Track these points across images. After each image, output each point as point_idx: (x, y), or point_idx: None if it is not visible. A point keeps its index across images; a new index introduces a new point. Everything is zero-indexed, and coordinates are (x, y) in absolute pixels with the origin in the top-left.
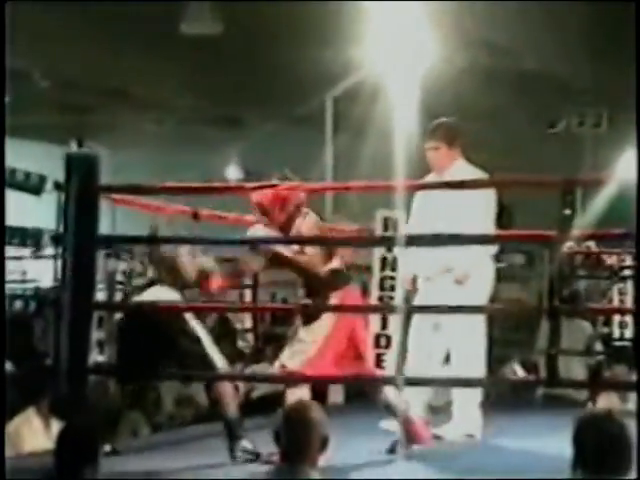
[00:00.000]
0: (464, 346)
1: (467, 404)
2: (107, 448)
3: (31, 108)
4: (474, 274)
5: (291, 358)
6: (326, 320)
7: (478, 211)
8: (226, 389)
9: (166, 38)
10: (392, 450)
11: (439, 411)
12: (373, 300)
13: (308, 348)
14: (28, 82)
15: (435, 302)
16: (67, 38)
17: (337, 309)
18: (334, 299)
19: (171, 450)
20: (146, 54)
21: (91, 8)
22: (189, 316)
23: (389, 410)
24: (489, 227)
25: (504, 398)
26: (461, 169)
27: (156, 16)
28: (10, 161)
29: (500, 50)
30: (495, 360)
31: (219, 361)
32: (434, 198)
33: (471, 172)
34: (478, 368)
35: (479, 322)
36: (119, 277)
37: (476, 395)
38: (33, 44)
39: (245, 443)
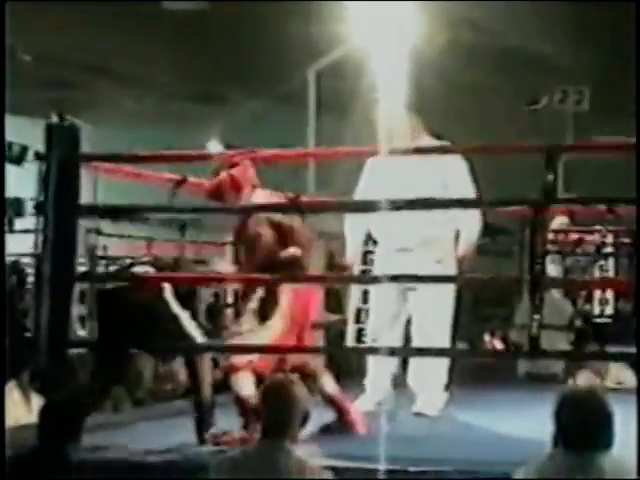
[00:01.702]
0: (429, 317)
1: (434, 379)
2: None
3: (13, 82)
4: (447, 249)
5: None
6: (278, 319)
7: (448, 182)
8: (204, 374)
9: (149, 15)
10: (326, 429)
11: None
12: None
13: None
14: (11, 56)
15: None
16: (51, 14)
17: (319, 279)
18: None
19: (153, 425)
20: (129, 31)
21: None
22: (169, 295)
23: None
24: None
25: (482, 372)
26: (429, 143)
27: None
28: None
29: (482, 28)
30: (474, 334)
31: (197, 337)
32: (395, 168)
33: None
34: (441, 340)
35: (448, 294)
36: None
37: (441, 370)
38: (16, 19)
39: (214, 430)
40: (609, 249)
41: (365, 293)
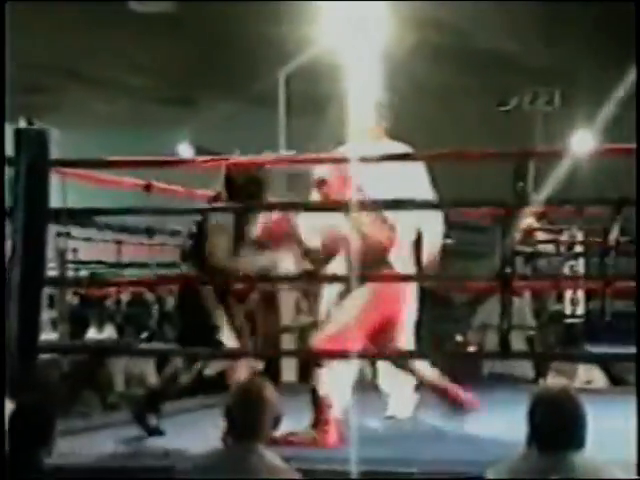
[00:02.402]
0: None
1: (404, 381)
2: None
3: None
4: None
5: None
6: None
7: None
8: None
9: (119, 17)
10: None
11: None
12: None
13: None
14: None
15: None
16: (18, 15)
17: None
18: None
19: (124, 430)
20: (98, 33)
21: None
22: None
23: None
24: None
25: (451, 373)
26: (391, 144)
27: None
28: None
29: (451, 28)
30: (439, 336)
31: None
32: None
33: (402, 149)
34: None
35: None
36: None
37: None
38: None
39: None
40: (579, 249)
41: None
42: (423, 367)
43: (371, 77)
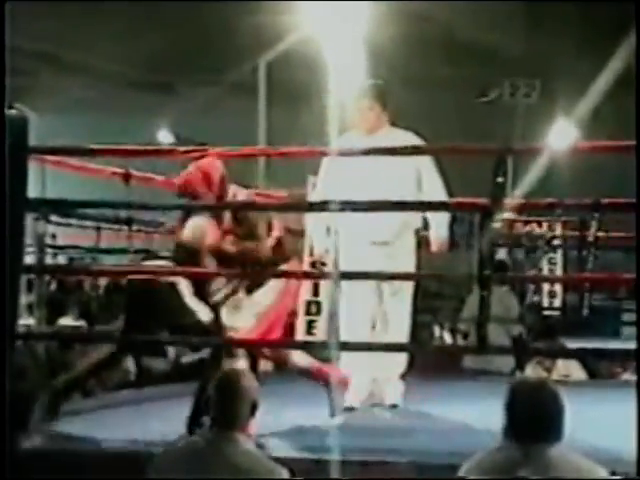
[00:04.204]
0: (393, 314)
1: (392, 368)
2: None
3: None
4: (401, 244)
5: (241, 322)
6: (270, 289)
7: (413, 178)
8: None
9: (98, 2)
10: (332, 414)
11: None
12: (306, 266)
13: (258, 312)
14: None
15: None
16: None
17: (279, 275)
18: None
19: (102, 415)
20: (77, 18)
21: None
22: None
23: (303, 373)
24: (438, 193)
25: (430, 366)
26: (394, 133)
27: None
28: None
29: (431, 20)
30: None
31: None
32: (355, 162)
33: (408, 137)
34: (402, 336)
35: (407, 290)
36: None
37: (399, 358)
38: None
39: None
40: (557, 242)
41: (316, 286)
42: (293, 353)
43: (354, 66)
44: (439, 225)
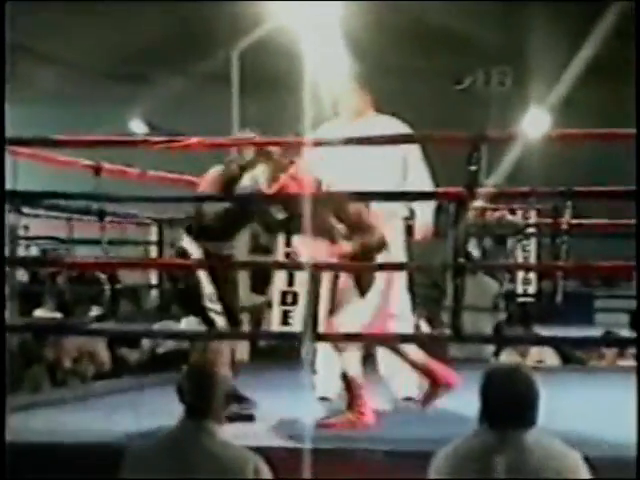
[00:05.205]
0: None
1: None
2: None
3: None
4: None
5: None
6: (377, 284)
7: (396, 166)
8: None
9: None
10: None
11: None
12: (280, 257)
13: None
14: None
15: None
16: None
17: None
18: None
19: (74, 406)
20: (50, 8)
21: None
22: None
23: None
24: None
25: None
26: (379, 119)
27: None
28: None
29: (404, 8)
30: None
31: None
32: (340, 151)
33: (393, 123)
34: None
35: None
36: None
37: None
38: None
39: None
40: (531, 229)
41: (291, 275)
42: (410, 349)
43: (329, 54)
44: (423, 213)
